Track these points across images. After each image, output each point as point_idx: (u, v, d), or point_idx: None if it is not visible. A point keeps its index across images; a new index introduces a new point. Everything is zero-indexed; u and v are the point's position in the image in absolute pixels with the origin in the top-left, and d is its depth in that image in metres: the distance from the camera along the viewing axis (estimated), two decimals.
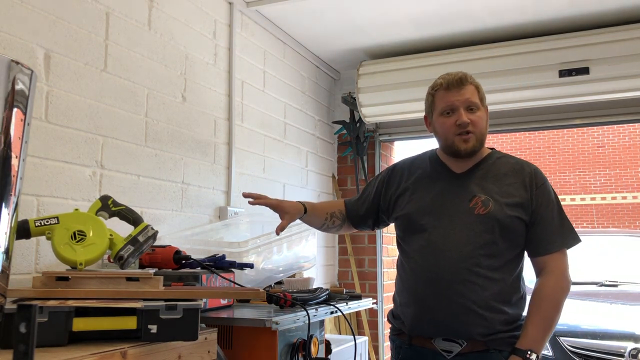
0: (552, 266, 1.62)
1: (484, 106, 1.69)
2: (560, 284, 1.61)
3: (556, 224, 1.63)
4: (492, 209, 1.60)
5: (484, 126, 1.68)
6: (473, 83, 1.69)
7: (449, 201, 1.67)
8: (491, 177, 1.67)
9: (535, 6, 2.95)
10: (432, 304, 1.61)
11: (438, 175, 1.73)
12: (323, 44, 3.49)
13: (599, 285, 4.38)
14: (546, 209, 1.63)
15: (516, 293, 1.64)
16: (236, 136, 2.77)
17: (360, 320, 3.78)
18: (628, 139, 13.32)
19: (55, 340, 1.16)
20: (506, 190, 1.64)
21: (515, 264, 1.64)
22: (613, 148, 13.43)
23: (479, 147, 1.67)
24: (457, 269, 1.58)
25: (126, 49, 2.11)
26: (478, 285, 1.57)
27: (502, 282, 1.60)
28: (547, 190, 1.66)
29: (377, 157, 3.93)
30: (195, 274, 1.72)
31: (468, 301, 1.57)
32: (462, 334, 1.59)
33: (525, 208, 1.62)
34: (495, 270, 1.59)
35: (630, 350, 3.32)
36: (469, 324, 1.57)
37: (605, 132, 13.44)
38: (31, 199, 1.71)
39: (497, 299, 1.58)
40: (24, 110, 1.08)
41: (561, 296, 1.61)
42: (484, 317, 1.56)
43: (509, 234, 1.60)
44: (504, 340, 1.59)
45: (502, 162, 1.71)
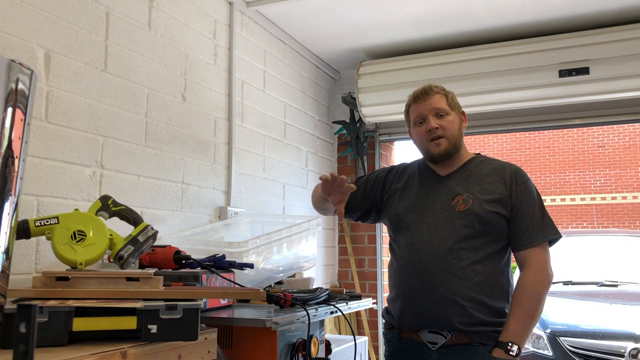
0: (533, 260, 1.69)
1: (455, 111, 1.82)
2: (540, 278, 1.68)
3: (537, 220, 1.71)
4: (471, 205, 1.73)
5: (456, 129, 1.81)
6: (440, 92, 1.83)
7: (433, 201, 1.80)
8: (473, 178, 1.80)
9: (535, 6, 2.95)
10: (416, 297, 1.73)
11: (425, 178, 1.88)
12: (323, 44, 3.49)
13: (599, 285, 4.38)
14: (527, 205, 1.72)
15: (499, 285, 1.71)
16: (236, 136, 2.77)
17: (360, 320, 3.78)
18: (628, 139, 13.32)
19: (55, 340, 1.16)
20: (486, 188, 1.76)
21: (498, 257, 1.73)
22: (613, 148, 13.43)
23: (452, 149, 1.80)
24: (438, 261, 1.70)
25: (126, 49, 2.11)
26: (458, 277, 1.68)
27: (483, 274, 1.69)
28: (528, 188, 1.75)
29: (377, 157, 3.94)
30: (195, 274, 1.72)
31: (449, 291, 1.67)
32: (444, 325, 1.69)
33: (505, 204, 1.72)
34: (476, 263, 1.69)
35: (630, 350, 3.32)
36: (450, 314, 1.67)
37: (605, 132, 13.45)
38: (31, 199, 1.71)
39: (477, 290, 1.67)
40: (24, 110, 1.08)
41: (541, 289, 1.67)
42: (464, 307, 1.66)
43: (488, 228, 1.71)
44: (487, 334, 1.67)
45: (484, 165, 1.83)
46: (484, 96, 3.25)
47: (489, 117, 3.54)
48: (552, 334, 3.63)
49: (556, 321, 3.77)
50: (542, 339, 3.67)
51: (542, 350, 3.63)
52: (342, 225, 3.92)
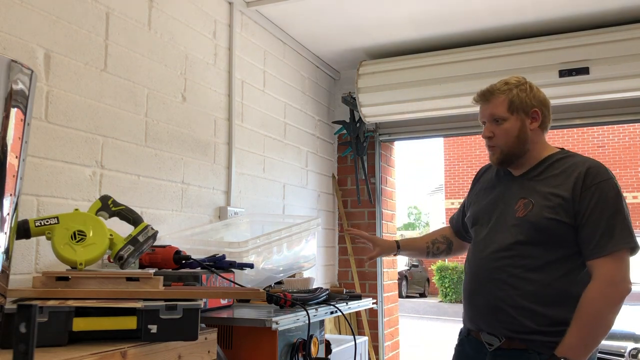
0: (598, 272, 1.55)
1: (517, 114, 1.71)
2: (604, 292, 1.53)
3: (603, 227, 1.56)
4: (530, 211, 1.64)
5: (512, 136, 1.71)
6: (502, 93, 1.74)
7: (501, 204, 1.75)
8: (542, 179, 1.69)
9: (535, 6, 2.95)
10: (472, 299, 1.73)
11: (500, 178, 1.82)
12: (323, 44, 3.49)
13: None
14: (593, 211, 1.57)
15: (561, 294, 1.59)
16: (236, 136, 2.77)
17: (360, 320, 3.78)
18: (628, 139, 13.33)
19: (55, 340, 1.16)
20: (550, 192, 1.64)
21: (561, 265, 1.61)
22: (613, 148, 13.43)
23: (507, 158, 1.73)
24: (490, 267, 1.67)
25: (126, 49, 2.11)
26: (508, 285, 1.62)
27: (539, 283, 1.60)
28: (600, 190, 1.59)
29: (377, 157, 3.94)
30: (195, 274, 1.72)
31: (497, 299, 1.63)
32: (495, 330, 1.65)
33: (567, 210, 1.59)
34: (530, 271, 1.61)
35: (630, 350, 3.32)
36: (498, 321, 1.63)
37: (605, 132, 13.45)
38: (31, 199, 1.71)
39: (530, 299, 1.59)
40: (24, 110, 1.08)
41: (602, 305, 1.52)
42: (512, 316, 1.60)
43: (546, 236, 1.61)
44: (544, 343, 1.57)
45: (559, 164, 1.70)
46: None
47: None
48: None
49: None
50: None
51: None
52: (342, 225, 3.92)
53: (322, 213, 3.72)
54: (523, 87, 1.74)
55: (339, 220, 3.94)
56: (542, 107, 1.73)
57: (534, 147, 1.72)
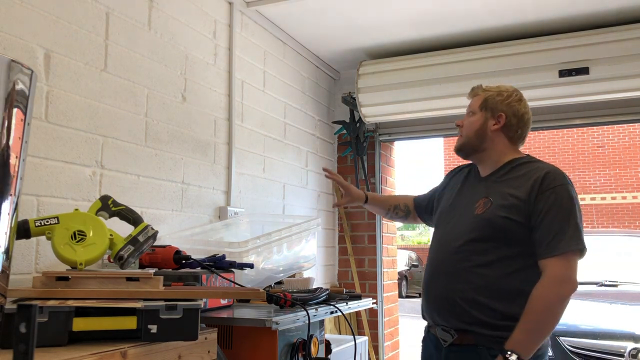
0: (547, 271, 1.63)
1: (484, 112, 1.83)
2: (552, 289, 1.61)
3: (555, 229, 1.63)
4: (487, 209, 1.73)
5: (473, 129, 1.84)
6: (481, 93, 1.88)
7: (463, 202, 1.84)
8: (504, 181, 1.77)
9: (535, 6, 2.95)
10: (429, 293, 1.81)
11: (468, 178, 1.93)
12: (323, 44, 3.49)
13: (599, 285, 4.38)
14: (547, 213, 1.64)
15: (511, 290, 1.66)
16: (236, 136, 2.77)
17: (360, 320, 3.78)
18: (628, 139, 13.33)
19: (55, 340, 1.16)
20: (508, 192, 1.72)
21: (511, 262, 1.68)
22: (613, 148, 13.43)
23: (463, 147, 1.87)
24: (447, 261, 1.76)
25: (126, 49, 2.11)
26: (461, 278, 1.71)
27: (490, 278, 1.68)
28: (555, 194, 1.66)
29: (377, 157, 3.93)
30: (195, 274, 1.72)
31: (449, 291, 1.72)
32: (448, 324, 1.72)
33: (520, 210, 1.67)
34: (482, 266, 1.69)
35: (630, 350, 3.32)
36: (452, 314, 1.71)
37: (605, 132, 13.45)
38: (31, 199, 1.71)
39: (480, 292, 1.67)
40: (24, 110, 1.08)
41: (551, 301, 1.60)
42: (464, 308, 1.68)
43: (499, 233, 1.69)
44: (493, 338, 1.64)
45: (521, 168, 1.78)
46: None
47: None
48: (552, 333, 3.63)
49: None
50: None
51: None
52: (342, 225, 3.92)
53: (322, 213, 3.72)
54: (505, 94, 1.84)
55: (339, 220, 3.94)
56: (511, 116, 1.82)
57: (493, 148, 1.83)
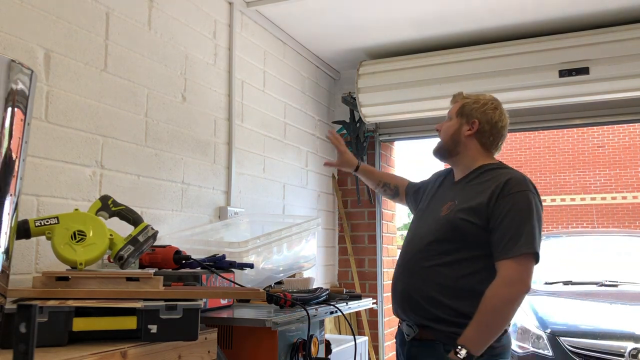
0: (501, 271, 1.68)
1: (460, 118, 1.92)
2: (502, 291, 1.66)
3: (511, 233, 1.68)
4: (449, 211, 1.81)
5: (448, 133, 1.94)
6: (460, 100, 1.96)
7: (434, 205, 1.94)
8: (471, 185, 1.85)
9: (535, 6, 2.95)
10: (395, 289, 1.90)
11: (444, 182, 2.02)
12: (323, 44, 3.49)
13: (599, 285, 4.38)
14: (505, 217, 1.70)
15: (467, 290, 1.72)
16: (236, 136, 2.77)
17: (360, 320, 3.78)
18: (628, 139, 13.32)
19: (55, 340, 1.16)
20: (470, 196, 1.80)
21: (470, 263, 1.75)
22: (613, 148, 13.42)
23: (439, 150, 1.98)
24: (412, 260, 1.85)
25: (126, 49, 2.11)
26: (423, 276, 1.80)
27: (448, 277, 1.75)
28: (515, 199, 1.72)
29: (377, 157, 3.93)
30: (195, 274, 1.72)
31: (413, 289, 1.81)
32: (411, 319, 1.82)
33: (479, 213, 1.74)
34: (441, 266, 1.77)
35: (630, 350, 3.32)
36: (412, 310, 1.80)
37: (605, 132, 13.44)
38: (31, 199, 1.71)
39: (438, 290, 1.75)
40: (24, 110, 1.08)
41: (499, 302, 1.66)
42: (420, 304, 1.77)
43: (458, 235, 1.76)
44: (448, 334, 1.71)
45: (490, 173, 1.85)
46: None
47: None
48: (552, 334, 3.63)
49: (556, 321, 3.77)
50: (542, 339, 3.67)
51: (542, 350, 3.63)
52: (342, 225, 3.92)
53: (322, 213, 3.72)
54: (482, 102, 1.92)
55: (339, 220, 3.94)
56: (484, 123, 1.89)
57: (466, 153, 1.91)
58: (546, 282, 4.57)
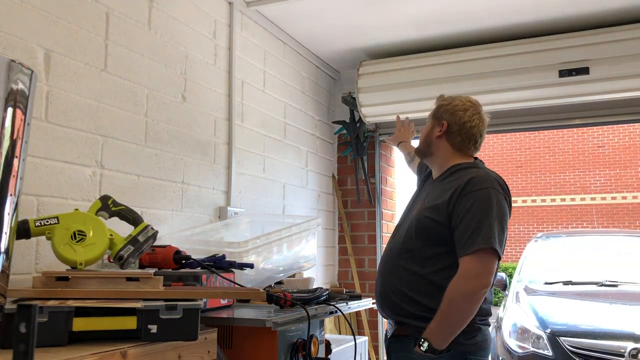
0: (461, 266, 1.71)
1: (433, 120, 1.98)
2: (461, 286, 1.69)
3: (471, 229, 1.71)
4: (418, 210, 1.88)
5: (422, 135, 2.01)
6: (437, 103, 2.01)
7: (416, 204, 1.98)
8: (440, 184, 1.91)
9: (535, 6, 2.95)
10: (375, 289, 1.95)
11: (427, 179, 2.08)
12: (323, 44, 3.49)
13: (599, 285, 4.38)
14: (465, 215, 1.73)
15: (436, 286, 1.75)
16: (236, 136, 2.77)
17: (360, 320, 3.78)
18: (628, 139, 13.32)
19: (55, 340, 1.16)
20: (436, 195, 1.86)
21: (437, 261, 1.79)
22: (613, 148, 13.43)
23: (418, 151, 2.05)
24: (388, 259, 1.92)
25: (126, 49, 2.11)
26: (395, 275, 1.85)
27: (417, 275, 1.80)
28: (475, 197, 1.75)
29: (377, 157, 3.93)
30: (195, 274, 1.72)
31: (387, 286, 1.87)
32: (389, 317, 1.89)
33: (440, 211, 1.79)
34: (413, 262, 1.82)
35: (630, 350, 3.32)
36: (388, 308, 1.87)
37: (605, 132, 13.44)
38: (31, 199, 1.71)
39: (410, 288, 1.81)
40: (24, 110, 1.08)
41: (458, 297, 1.68)
42: (394, 301, 1.83)
43: (422, 233, 1.82)
44: (418, 329, 1.75)
45: (460, 173, 1.87)
46: (484, 96, 3.24)
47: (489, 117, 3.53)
48: (552, 334, 3.63)
49: (556, 321, 3.77)
50: (542, 339, 3.67)
51: (542, 350, 3.63)
52: (342, 225, 3.92)
53: (322, 213, 3.72)
54: (453, 104, 1.94)
55: (339, 220, 3.94)
56: (454, 124, 1.92)
57: (438, 154, 1.96)
58: (546, 282, 4.57)
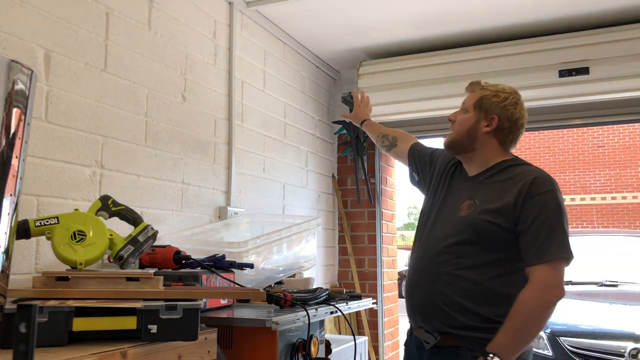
0: (534, 277, 1.60)
1: (478, 112, 1.78)
2: (539, 296, 1.59)
3: (543, 236, 1.61)
4: (472, 212, 1.70)
5: (464, 128, 1.80)
6: (478, 90, 1.82)
7: (449, 201, 1.81)
8: (490, 183, 1.75)
9: (535, 6, 2.95)
10: (412, 295, 1.78)
11: (455, 176, 1.87)
12: (323, 44, 3.49)
13: (599, 285, 4.38)
14: (535, 220, 1.62)
15: (492, 293, 1.65)
16: (236, 136, 2.77)
17: (360, 320, 3.78)
18: (628, 139, 13.32)
19: (55, 340, 1.16)
20: (494, 196, 1.69)
21: (496, 266, 1.66)
22: (613, 148, 13.43)
23: (452, 144, 1.83)
24: (430, 263, 1.74)
25: (126, 49, 2.11)
26: (446, 282, 1.68)
27: (474, 283, 1.66)
28: (543, 200, 1.64)
29: (377, 157, 3.93)
30: (195, 274, 1.72)
31: (433, 294, 1.70)
32: (431, 326, 1.71)
33: (506, 215, 1.64)
34: (467, 269, 1.67)
35: (630, 350, 3.32)
36: (434, 316, 1.70)
37: (605, 132, 13.45)
38: (31, 199, 1.71)
39: (465, 297, 1.65)
40: (24, 110, 1.08)
41: (536, 308, 1.58)
42: (446, 312, 1.66)
43: (482, 238, 1.67)
44: (476, 340, 1.62)
45: (509, 170, 1.74)
46: None
47: None
48: (552, 333, 3.63)
49: (556, 321, 3.77)
50: (542, 339, 3.66)
51: (542, 350, 3.63)
52: (342, 225, 3.91)
53: (322, 213, 3.72)
54: (502, 96, 1.78)
55: (339, 220, 3.94)
56: (504, 119, 1.77)
57: (483, 150, 1.78)
58: None
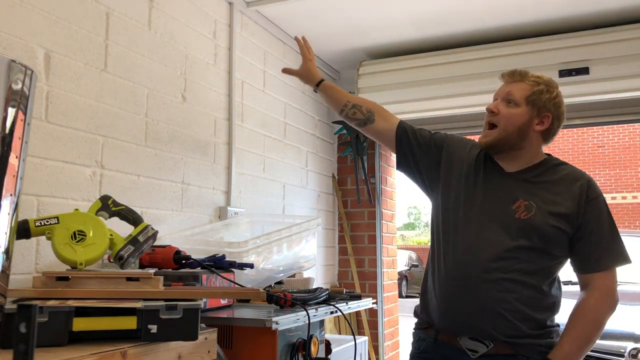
0: (599, 283, 1.58)
1: (530, 107, 1.63)
2: (606, 302, 1.58)
3: (605, 241, 1.58)
4: (534, 215, 1.57)
5: (511, 122, 1.62)
6: (530, 83, 1.66)
7: (491, 200, 1.64)
8: (540, 183, 1.63)
9: (535, 6, 2.95)
10: (460, 302, 1.60)
11: (487, 169, 1.69)
12: (323, 44, 3.49)
13: None
14: (596, 225, 1.58)
15: (548, 299, 1.61)
16: (236, 136, 2.77)
17: (360, 320, 3.78)
18: (628, 139, 13.33)
19: (55, 340, 1.16)
20: (553, 199, 1.59)
21: (550, 270, 1.61)
22: (613, 148, 13.43)
23: (498, 143, 1.63)
24: (487, 269, 1.56)
25: (126, 49, 2.11)
26: (507, 288, 1.55)
27: (534, 288, 1.57)
28: (600, 204, 1.60)
29: (377, 157, 3.93)
30: (195, 274, 1.72)
31: (495, 302, 1.55)
32: (487, 335, 1.57)
33: (571, 220, 1.57)
34: (527, 275, 1.56)
35: (630, 350, 3.32)
36: (495, 326, 1.55)
37: (605, 132, 13.45)
38: (31, 199, 1.71)
39: (526, 303, 1.56)
40: (24, 110, 1.08)
41: (604, 315, 1.57)
42: (511, 320, 1.55)
43: (547, 243, 1.57)
44: (533, 347, 1.57)
45: (555, 170, 1.66)
46: (484, 96, 3.24)
47: None
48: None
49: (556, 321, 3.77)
50: None
51: None
52: (342, 225, 3.92)
53: (322, 213, 3.72)
54: (553, 91, 1.68)
55: (339, 220, 3.94)
56: (556, 119, 1.67)
57: (529, 148, 1.65)
58: None
